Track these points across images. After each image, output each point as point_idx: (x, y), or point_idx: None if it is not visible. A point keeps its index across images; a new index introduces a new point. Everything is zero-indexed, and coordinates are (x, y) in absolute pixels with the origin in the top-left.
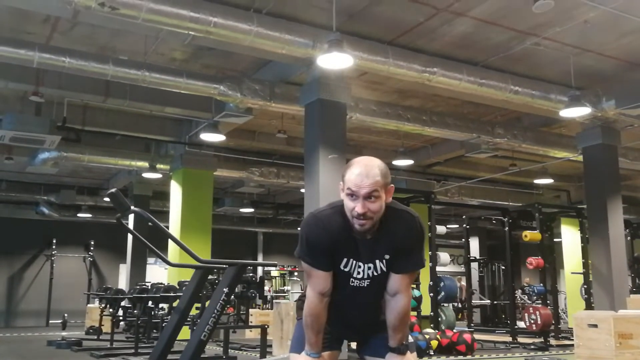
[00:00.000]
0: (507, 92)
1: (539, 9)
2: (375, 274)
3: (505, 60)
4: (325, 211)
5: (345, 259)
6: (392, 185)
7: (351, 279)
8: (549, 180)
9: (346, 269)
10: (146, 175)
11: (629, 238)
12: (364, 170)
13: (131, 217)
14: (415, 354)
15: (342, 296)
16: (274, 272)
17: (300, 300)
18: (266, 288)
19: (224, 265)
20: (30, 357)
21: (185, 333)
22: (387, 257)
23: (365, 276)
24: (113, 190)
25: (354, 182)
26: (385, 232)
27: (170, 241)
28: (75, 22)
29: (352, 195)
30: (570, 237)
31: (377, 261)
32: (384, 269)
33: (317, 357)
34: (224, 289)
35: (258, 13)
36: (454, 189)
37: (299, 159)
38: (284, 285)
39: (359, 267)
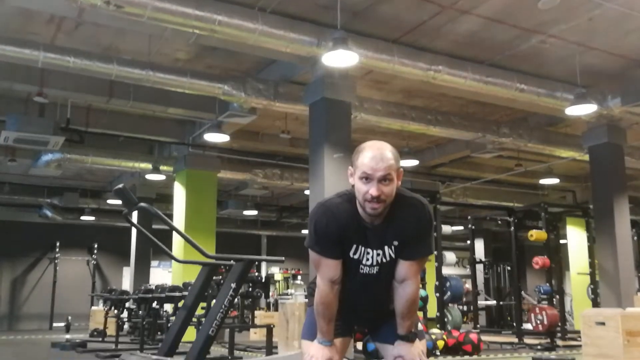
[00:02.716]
0: (512, 90)
1: (545, 5)
2: (384, 260)
3: (510, 59)
4: (333, 200)
5: (354, 246)
6: (402, 169)
7: (361, 266)
8: (554, 181)
9: (355, 256)
10: (149, 177)
11: (635, 238)
12: (378, 153)
13: (135, 217)
14: (424, 341)
15: (352, 284)
16: (278, 276)
17: (311, 288)
18: (270, 292)
19: (231, 262)
20: (35, 359)
21: (190, 335)
22: (395, 243)
23: (375, 263)
24: (120, 185)
25: (368, 165)
26: (395, 218)
27: (174, 242)
28: (80, 22)
29: (367, 178)
30: (576, 238)
31: (386, 247)
32: (393, 255)
33: (329, 345)
34: (232, 285)
35: (262, 11)
36: (459, 190)
37: (303, 160)
38: (288, 288)
39: (368, 253)
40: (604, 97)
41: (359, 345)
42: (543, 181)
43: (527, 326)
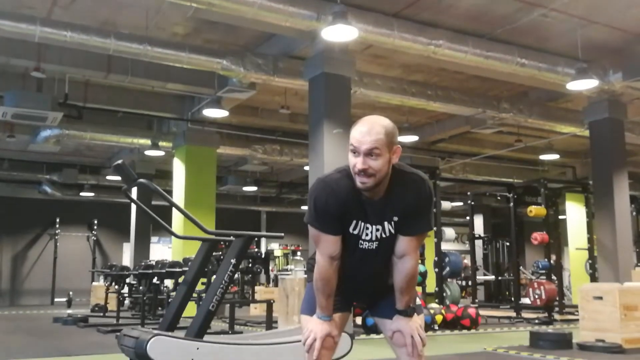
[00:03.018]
0: (513, 65)
1: None
2: (383, 235)
3: (511, 33)
4: (332, 175)
5: (354, 222)
6: (399, 146)
7: (360, 242)
8: (554, 156)
9: (355, 232)
10: (149, 153)
11: (634, 214)
12: (368, 127)
13: (134, 193)
14: (422, 315)
15: (351, 259)
16: (277, 252)
17: (310, 264)
18: (270, 268)
19: (230, 238)
20: (37, 334)
21: (190, 310)
22: (395, 219)
23: (374, 238)
24: (119, 161)
25: (355, 137)
26: (394, 193)
27: (174, 218)
28: None
29: (354, 151)
30: (575, 214)
31: (386, 223)
32: (392, 231)
33: (329, 320)
34: (232, 260)
35: None
36: (458, 166)
37: (302, 136)
38: (288, 264)
39: (367, 229)
40: (605, 72)
41: (359, 320)
42: (543, 157)
43: (525, 301)
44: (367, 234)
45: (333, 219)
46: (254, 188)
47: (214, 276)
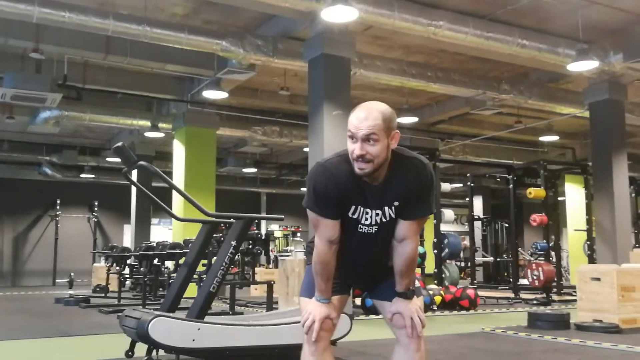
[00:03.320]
0: (513, 46)
1: None
2: (383, 220)
3: (512, 14)
4: (332, 159)
5: (353, 207)
6: (397, 131)
7: (359, 226)
8: (554, 138)
9: (354, 216)
10: (148, 134)
11: (633, 195)
12: (365, 112)
13: (135, 176)
14: (421, 298)
15: (350, 243)
16: (278, 233)
17: (309, 247)
18: (270, 249)
19: (230, 220)
20: (39, 314)
21: (191, 291)
22: (396, 203)
23: (373, 222)
24: (119, 144)
25: (352, 123)
26: (395, 178)
27: (174, 200)
28: None
29: (352, 137)
30: (574, 195)
31: (386, 208)
32: (393, 215)
33: (327, 303)
34: (232, 242)
35: None
36: (458, 147)
37: (302, 117)
38: (288, 245)
39: (367, 214)
40: (605, 53)
41: (358, 301)
42: (543, 138)
43: (524, 282)
44: (366, 219)
45: (332, 204)
46: (254, 170)
47: (215, 257)
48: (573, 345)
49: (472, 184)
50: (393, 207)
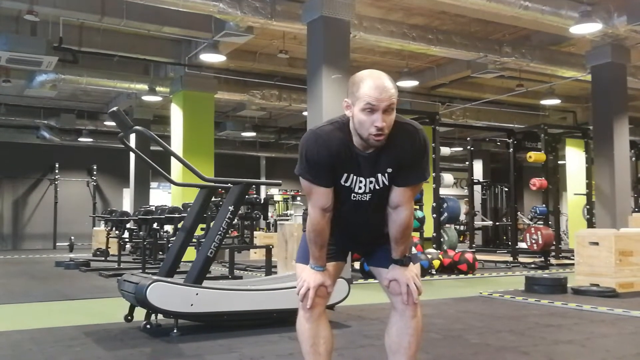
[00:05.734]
0: (516, 8)
1: None
2: (377, 187)
3: None
4: (325, 127)
5: (345, 175)
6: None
7: (352, 194)
8: (556, 101)
9: (347, 184)
10: (146, 98)
11: (633, 159)
12: (380, 82)
13: (133, 139)
14: (418, 265)
15: (344, 210)
16: (277, 197)
17: (306, 214)
18: (269, 213)
19: (228, 185)
20: (40, 277)
21: (190, 255)
22: (389, 170)
23: (367, 190)
24: (115, 108)
25: (373, 96)
26: (388, 145)
27: (172, 164)
28: None
29: (371, 110)
30: (574, 159)
31: (380, 175)
32: (386, 182)
33: (322, 270)
34: (230, 207)
35: None
36: (458, 111)
37: (301, 81)
38: (287, 209)
39: (360, 181)
40: (609, 15)
41: (357, 265)
42: (544, 102)
43: (523, 246)
44: (360, 187)
45: (325, 171)
46: (253, 134)
47: (213, 222)
48: (569, 310)
49: (472, 148)
50: (386, 174)
